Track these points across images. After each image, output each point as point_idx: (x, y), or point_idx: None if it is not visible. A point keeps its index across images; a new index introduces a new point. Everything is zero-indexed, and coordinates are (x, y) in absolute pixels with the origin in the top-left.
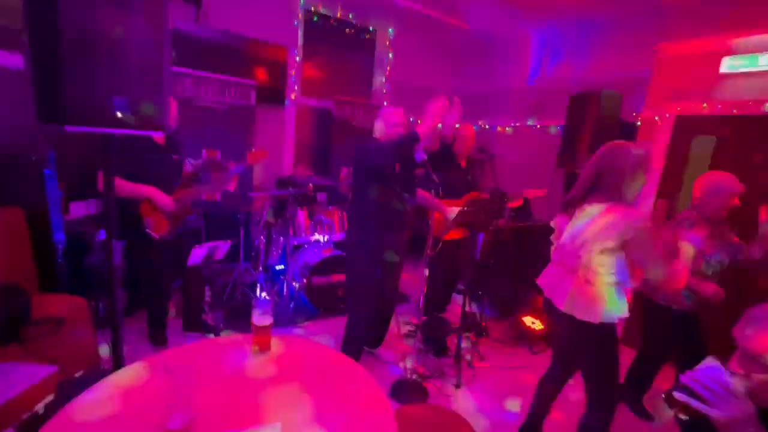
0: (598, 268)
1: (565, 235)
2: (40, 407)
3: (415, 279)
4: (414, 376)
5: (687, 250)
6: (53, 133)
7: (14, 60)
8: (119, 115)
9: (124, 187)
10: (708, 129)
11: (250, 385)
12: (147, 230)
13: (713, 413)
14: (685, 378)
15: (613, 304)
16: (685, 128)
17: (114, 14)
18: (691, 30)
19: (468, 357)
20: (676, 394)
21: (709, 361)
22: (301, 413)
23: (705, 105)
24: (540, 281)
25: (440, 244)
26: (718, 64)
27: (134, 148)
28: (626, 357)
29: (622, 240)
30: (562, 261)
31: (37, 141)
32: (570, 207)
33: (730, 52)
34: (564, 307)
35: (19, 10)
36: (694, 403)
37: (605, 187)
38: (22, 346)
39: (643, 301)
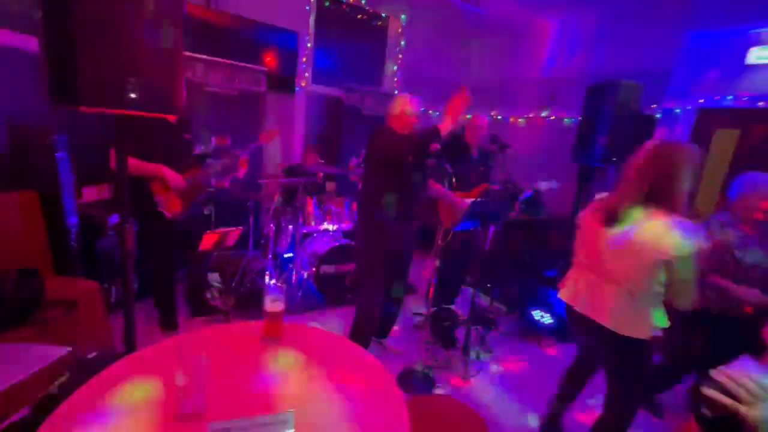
0: (644, 280)
1: (604, 242)
2: (54, 387)
3: (424, 270)
4: (421, 367)
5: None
6: (66, 116)
7: (28, 43)
8: (132, 96)
9: (135, 165)
10: (732, 122)
11: (262, 372)
12: (159, 209)
13: (750, 413)
14: (718, 375)
15: (659, 317)
16: (708, 121)
17: None
18: (716, 20)
19: (476, 349)
20: (707, 390)
21: (745, 360)
22: (312, 400)
23: (730, 97)
24: (567, 295)
25: (450, 235)
26: (744, 54)
27: (146, 126)
28: None
29: (673, 255)
30: (597, 269)
31: (49, 124)
32: (616, 217)
33: (758, 42)
34: (610, 323)
35: None
36: (727, 401)
37: (659, 192)
38: (36, 327)
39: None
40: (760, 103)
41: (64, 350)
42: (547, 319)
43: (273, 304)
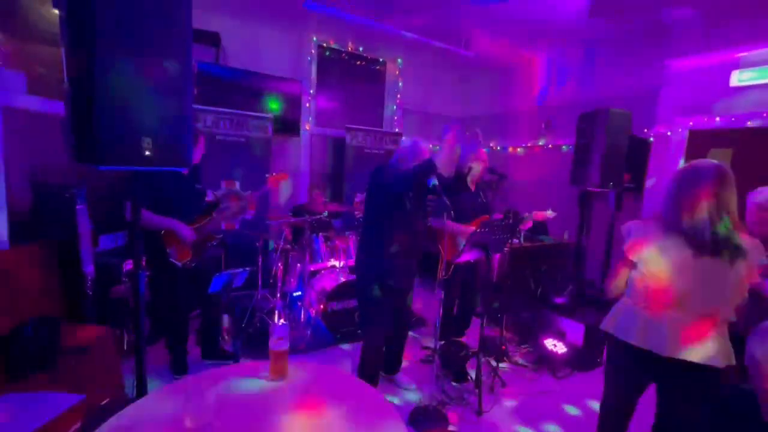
0: (736, 305)
1: (691, 279)
2: None
3: (432, 302)
4: (433, 403)
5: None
6: (86, 169)
7: (50, 106)
8: (147, 153)
9: (149, 218)
10: (723, 142)
11: (268, 412)
12: (171, 259)
13: None
14: None
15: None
16: (700, 142)
17: (147, 63)
18: (697, 45)
19: (489, 382)
20: None
21: None
22: None
23: (718, 119)
24: (632, 336)
25: (452, 267)
26: (728, 77)
27: (159, 177)
28: None
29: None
30: (688, 305)
31: (69, 178)
32: (716, 244)
33: (739, 65)
34: (704, 358)
35: (59, 60)
36: None
37: (732, 214)
38: (51, 374)
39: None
40: (749, 123)
41: (76, 398)
42: (560, 348)
43: (277, 343)
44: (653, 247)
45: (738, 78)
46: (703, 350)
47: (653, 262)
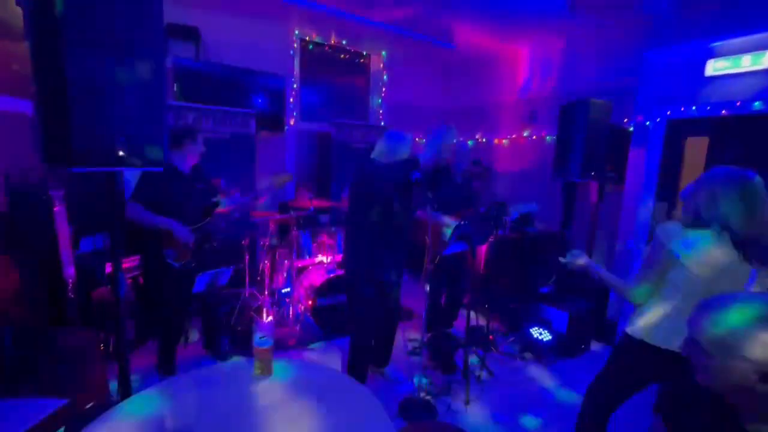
0: None
1: (734, 282)
2: None
3: (419, 295)
4: (422, 394)
5: None
6: (63, 173)
7: (24, 105)
8: (121, 154)
9: (149, 218)
10: (699, 131)
11: (252, 410)
12: (168, 260)
13: None
14: None
15: None
16: (678, 131)
17: (116, 61)
18: (674, 36)
19: (476, 372)
20: None
21: None
22: None
23: (694, 108)
24: (671, 342)
25: (438, 257)
26: (703, 67)
27: (159, 177)
28: None
29: None
30: None
31: (46, 181)
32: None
33: (714, 55)
34: None
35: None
36: None
37: None
38: (35, 380)
39: None
40: (723, 111)
41: (60, 402)
42: (545, 336)
43: (261, 340)
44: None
45: (713, 67)
46: None
47: (704, 265)
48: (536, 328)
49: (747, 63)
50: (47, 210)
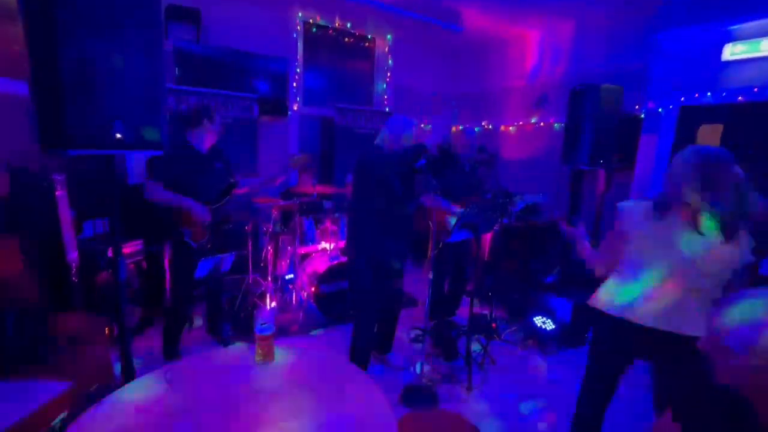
0: (722, 284)
1: (696, 248)
2: (56, 423)
3: (423, 282)
4: (424, 381)
5: None
6: (64, 157)
7: (25, 88)
8: (118, 136)
9: (166, 196)
10: (714, 117)
11: (254, 396)
12: (186, 239)
13: None
14: None
15: None
16: (691, 118)
17: (112, 43)
18: (689, 18)
19: (479, 360)
20: None
21: None
22: (303, 423)
23: (709, 94)
24: (625, 311)
25: (440, 244)
26: (719, 51)
27: (176, 156)
28: None
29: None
30: (680, 278)
31: (47, 165)
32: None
33: (731, 38)
34: (694, 331)
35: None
36: None
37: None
38: (40, 363)
39: None
40: (740, 98)
41: (65, 385)
42: (549, 325)
43: (262, 327)
44: (649, 224)
45: (730, 52)
46: (697, 323)
47: (647, 238)
48: (540, 317)
49: (767, 47)
50: (49, 194)
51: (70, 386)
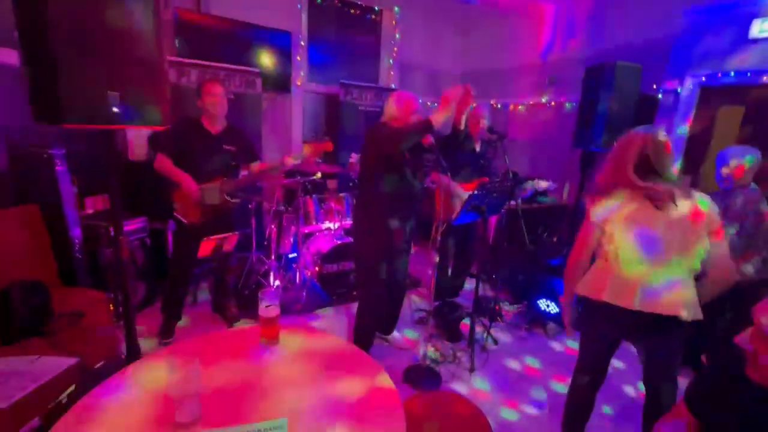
0: (698, 257)
1: (664, 227)
2: (63, 397)
3: (427, 263)
4: (427, 362)
5: None
6: (62, 132)
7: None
8: (115, 110)
9: (167, 167)
10: (736, 99)
11: (258, 377)
12: (175, 214)
13: None
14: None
15: None
16: (711, 99)
17: (106, 6)
18: None
19: (482, 341)
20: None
21: None
22: (307, 405)
23: (732, 73)
24: (618, 295)
25: (444, 225)
26: (747, 27)
27: (183, 131)
28: None
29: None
30: (654, 259)
31: (48, 139)
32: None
33: (762, 14)
34: (684, 312)
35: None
36: None
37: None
38: (45, 339)
39: None
40: (765, 78)
41: (71, 361)
42: (553, 308)
43: (267, 308)
44: (608, 209)
45: (760, 28)
46: (677, 302)
47: (611, 222)
48: (544, 300)
49: None
50: (49, 169)
51: (77, 362)
